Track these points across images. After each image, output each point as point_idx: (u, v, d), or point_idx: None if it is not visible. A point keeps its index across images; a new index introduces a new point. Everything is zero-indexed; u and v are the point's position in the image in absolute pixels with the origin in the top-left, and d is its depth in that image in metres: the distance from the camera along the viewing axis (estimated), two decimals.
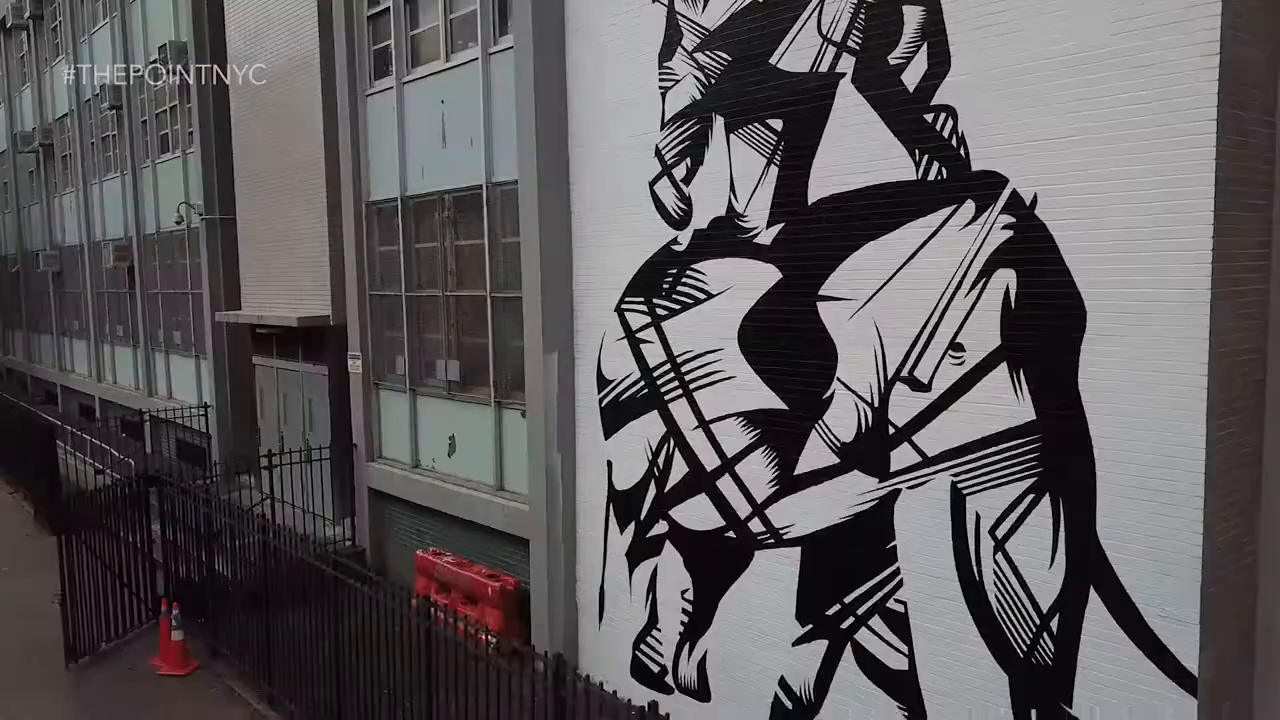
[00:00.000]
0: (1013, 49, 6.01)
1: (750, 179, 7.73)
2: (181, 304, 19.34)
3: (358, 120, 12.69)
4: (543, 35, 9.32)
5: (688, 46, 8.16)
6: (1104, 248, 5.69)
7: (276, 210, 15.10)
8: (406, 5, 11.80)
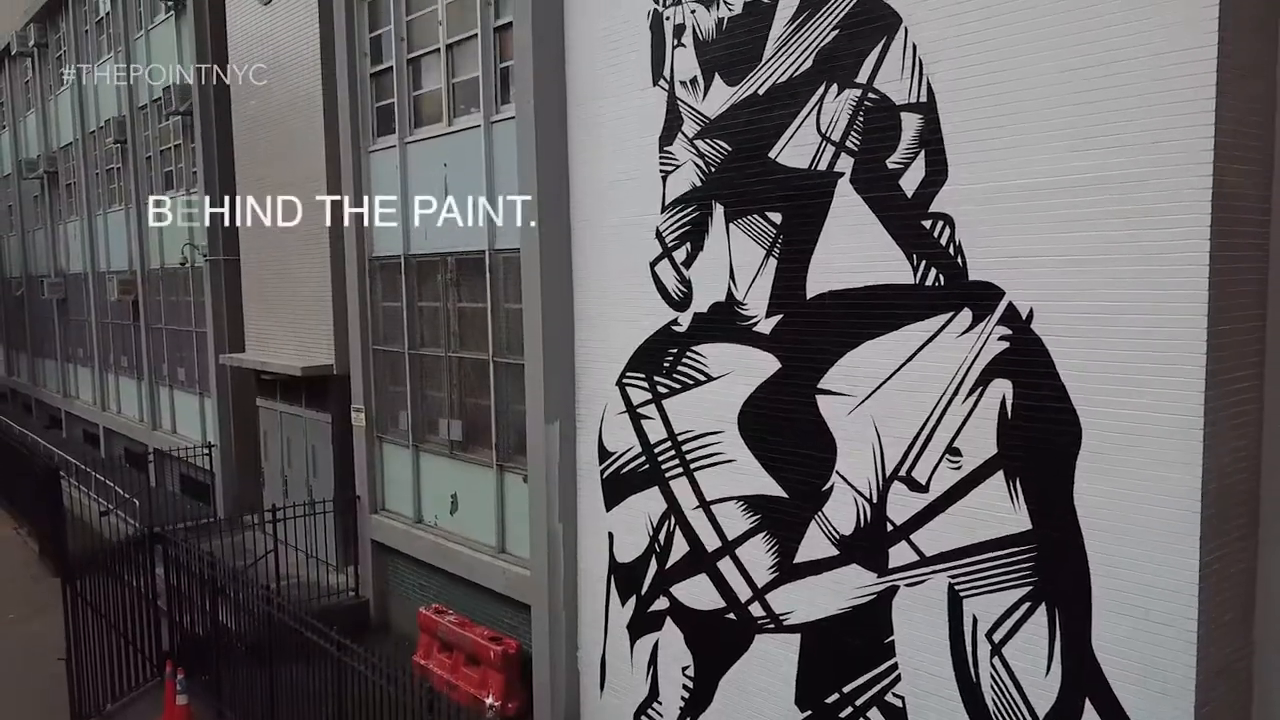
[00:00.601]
0: (1010, 167, 6.07)
1: (750, 268, 7.80)
2: (185, 341, 19.44)
3: (361, 176, 12.77)
4: (544, 111, 9.40)
5: (688, 133, 8.24)
6: (1099, 367, 5.76)
7: (279, 256, 15.19)
8: (409, 65, 11.88)
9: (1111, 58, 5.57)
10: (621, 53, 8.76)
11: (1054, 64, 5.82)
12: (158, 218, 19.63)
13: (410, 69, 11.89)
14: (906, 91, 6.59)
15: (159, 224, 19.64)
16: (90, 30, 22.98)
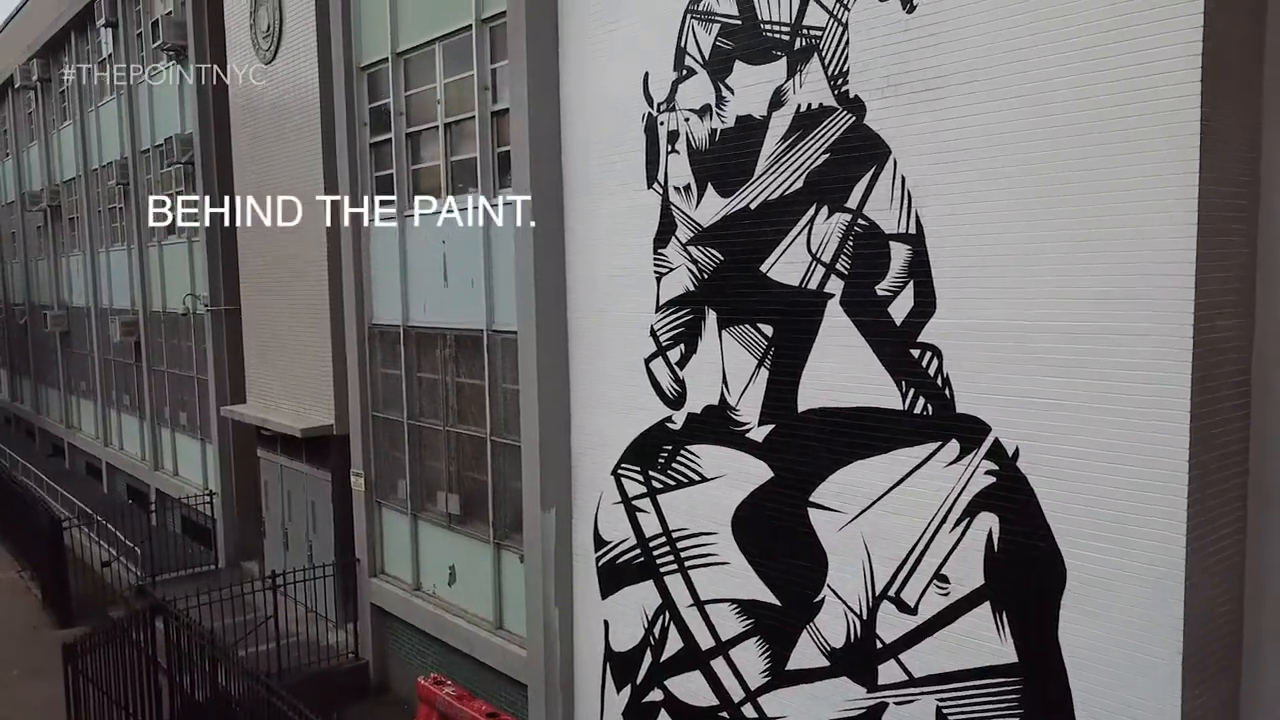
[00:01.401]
0: (997, 306, 6.17)
1: (742, 376, 7.90)
2: (187, 386, 19.55)
3: (360, 245, 12.88)
4: (541, 202, 9.51)
5: (681, 238, 8.34)
6: (1083, 510, 5.86)
7: (280, 311, 15.29)
8: (408, 140, 11.99)
9: (1096, 212, 5.67)
10: (618, 153, 8.87)
11: (1041, 211, 5.91)
12: (158, 217, 19.62)
13: (409, 142, 11.99)
14: (896, 221, 6.69)
15: (159, 223, 19.58)
16: (93, 69, 23.11)
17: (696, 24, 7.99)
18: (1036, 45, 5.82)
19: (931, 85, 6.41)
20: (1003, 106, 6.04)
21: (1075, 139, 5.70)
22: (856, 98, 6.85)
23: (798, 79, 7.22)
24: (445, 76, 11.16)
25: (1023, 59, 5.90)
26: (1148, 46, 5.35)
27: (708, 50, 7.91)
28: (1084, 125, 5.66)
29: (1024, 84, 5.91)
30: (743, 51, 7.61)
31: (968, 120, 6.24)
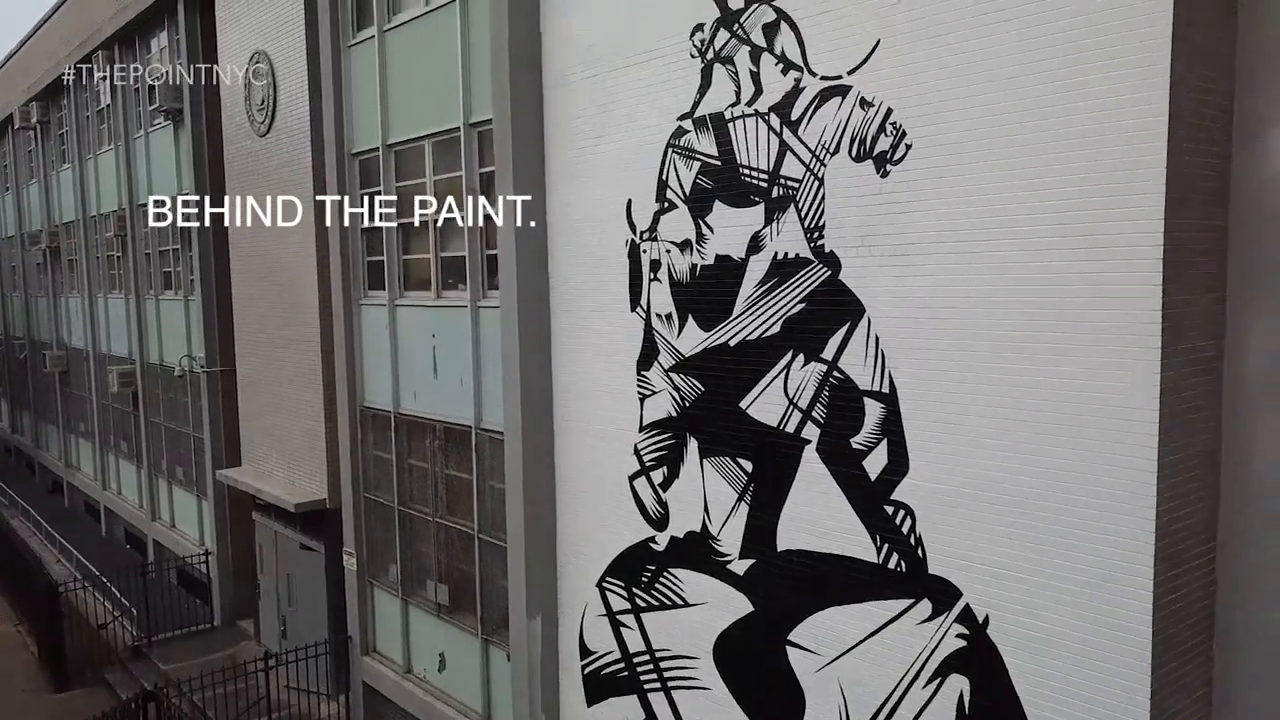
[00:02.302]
0: (966, 474, 6.26)
1: (723, 506, 7.99)
2: (184, 441, 19.65)
3: (353, 326, 12.98)
4: (528, 310, 9.61)
5: (664, 364, 8.43)
6: (1048, 684, 5.94)
7: (275, 378, 15.40)
8: (399, 230, 12.08)
9: (1050, 396, 5.76)
10: (602, 271, 8.96)
11: (1013, 380, 6.00)
12: (158, 218, 19.61)
13: (400, 231, 12.09)
14: (870, 378, 6.78)
15: (159, 224, 19.58)
16: (91, 118, 23.25)
17: (678, 159, 8.09)
18: (1006, 213, 5.90)
19: (904, 248, 6.50)
20: (973, 273, 6.12)
21: (1045, 308, 5.77)
22: (832, 253, 6.94)
23: (775, 226, 7.31)
24: (435, 173, 11.26)
25: (992, 226, 5.98)
26: (1111, 220, 5.43)
27: (688, 186, 8.01)
28: (1052, 293, 5.73)
29: (995, 252, 5.98)
30: (722, 192, 7.71)
31: (939, 285, 6.33)
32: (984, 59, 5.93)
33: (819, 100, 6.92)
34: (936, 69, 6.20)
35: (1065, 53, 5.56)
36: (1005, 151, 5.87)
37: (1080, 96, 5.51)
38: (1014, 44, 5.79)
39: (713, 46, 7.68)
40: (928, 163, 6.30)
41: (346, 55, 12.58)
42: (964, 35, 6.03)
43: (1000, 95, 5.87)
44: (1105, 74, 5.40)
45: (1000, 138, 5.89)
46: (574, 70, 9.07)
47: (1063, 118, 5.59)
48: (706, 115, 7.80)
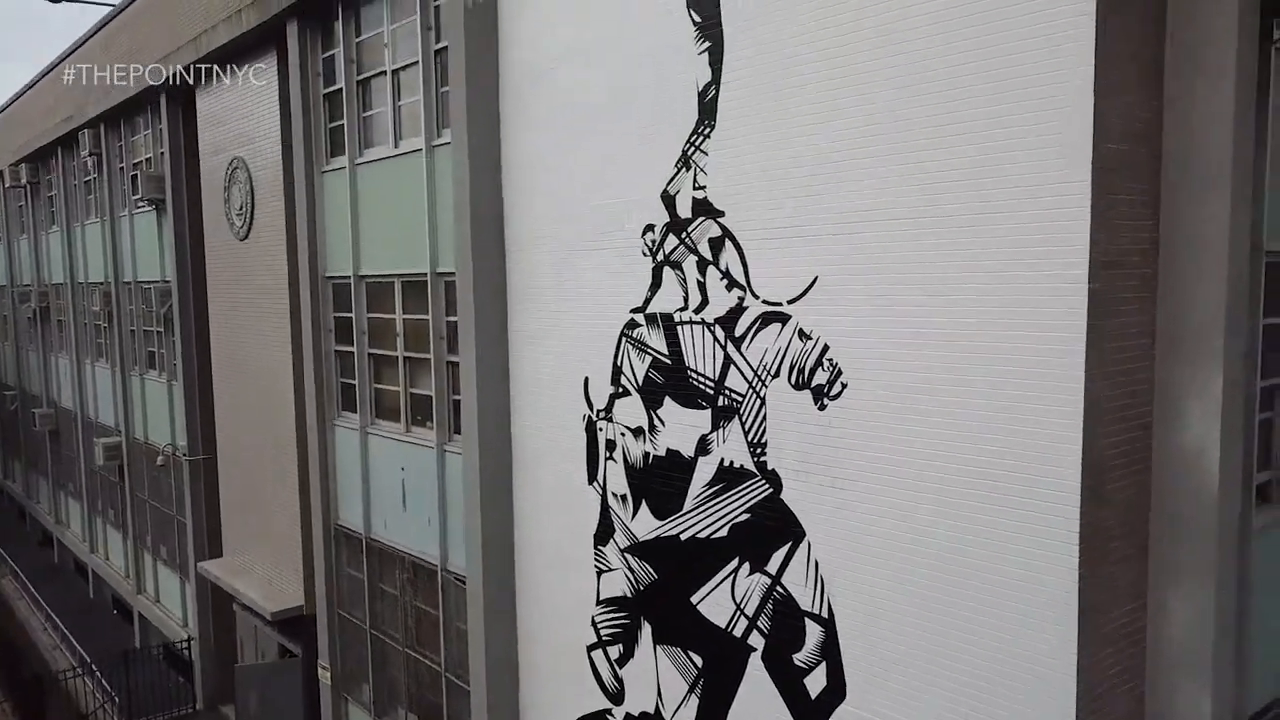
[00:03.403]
0: (909, 714, 6.37)
1: (676, 694, 8.10)
2: (168, 522, 19.76)
3: (327, 443, 13.10)
4: (491, 467, 9.73)
5: (620, 543, 8.55)
6: None
7: (254, 474, 15.52)
8: (370, 358, 12.21)
9: (986, 646, 5.87)
10: (562, 440, 9.08)
11: (947, 622, 6.11)
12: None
13: (371, 360, 12.22)
14: (811, 600, 6.89)
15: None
16: (79, 187, 23.37)
17: (631, 349, 8.21)
18: (938, 446, 5.99)
19: (842, 481, 6.62)
20: (912, 511, 6.22)
21: (982, 546, 5.87)
22: (774, 472, 7.06)
23: (722, 433, 7.43)
24: (404, 312, 11.39)
25: (924, 459, 6.07)
26: (1030, 456, 5.55)
27: (641, 377, 8.13)
28: (980, 524, 5.83)
29: (933, 493, 6.08)
30: (672, 390, 7.83)
31: (878, 517, 6.44)
32: (910, 304, 6.05)
33: (761, 323, 7.04)
34: (871, 310, 6.32)
35: (992, 316, 5.69)
36: (938, 400, 5.98)
37: (1003, 365, 5.63)
38: (943, 303, 5.91)
39: (663, 249, 7.80)
40: (865, 401, 6.41)
41: (320, 179, 12.71)
42: (894, 280, 6.15)
43: (935, 342, 5.98)
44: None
45: (936, 386, 5.99)
46: (537, 240, 9.19)
47: (985, 380, 5.72)
48: (658, 313, 7.92)
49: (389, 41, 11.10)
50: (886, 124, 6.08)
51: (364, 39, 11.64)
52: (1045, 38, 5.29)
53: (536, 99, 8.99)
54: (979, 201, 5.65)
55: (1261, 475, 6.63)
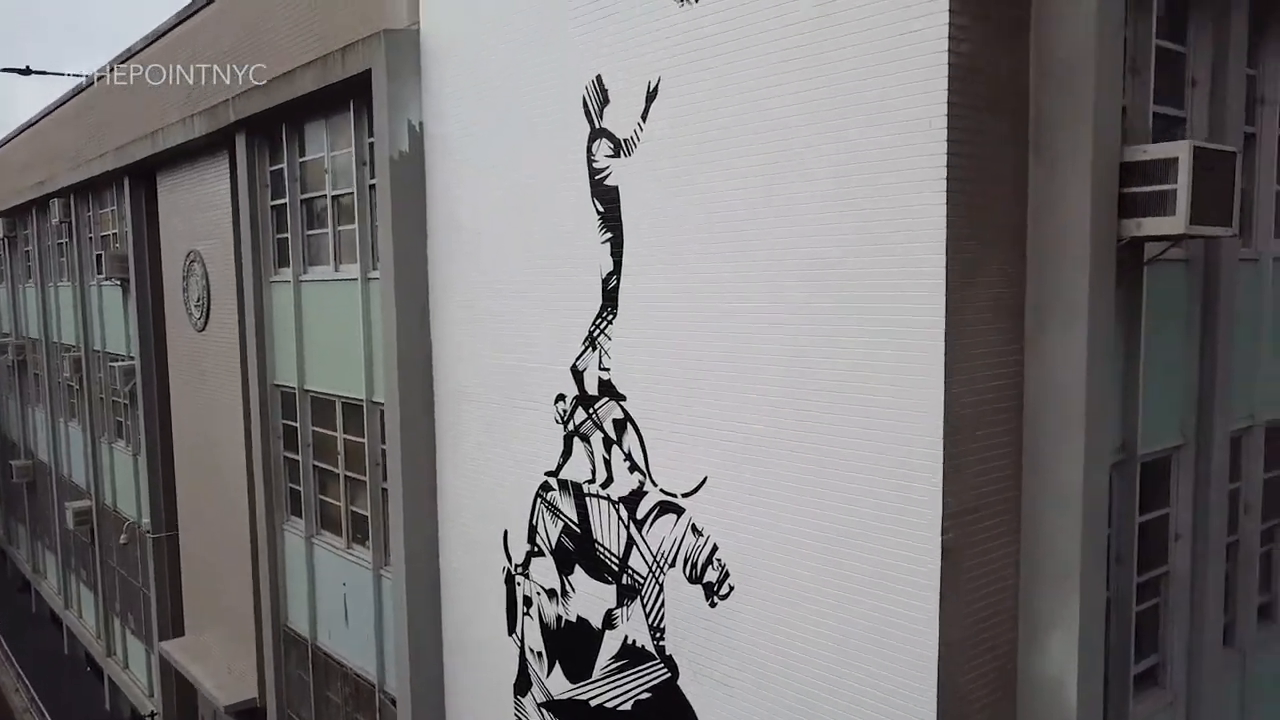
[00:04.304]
0: None
1: None
2: (134, 593, 19.89)
3: (277, 545, 13.24)
4: (417, 599, 9.87)
5: (537, 697, 8.69)
6: None
7: (214, 558, 15.64)
8: (315, 470, 12.35)
9: None
10: (483, 579, 9.23)
11: None
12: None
13: (316, 474, 12.37)
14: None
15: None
16: (52, 248, 23.53)
17: (545, 511, 8.36)
18: (816, 660, 6.11)
19: (732, 678, 6.75)
20: (793, 714, 6.36)
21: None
22: (672, 658, 7.20)
23: (626, 610, 7.58)
24: (344, 431, 11.54)
25: (804, 670, 6.18)
26: (893, 684, 5.69)
27: (554, 540, 8.28)
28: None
29: (810, 695, 6.21)
30: (582, 559, 7.98)
31: None
32: (792, 515, 6.19)
33: (659, 510, 7.19)
34: (755, 517, 6.47)
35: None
36: (817, 613, 6.11)
37: None
38: (820, 520, 6.05)
39: (573, 420, 7.96)
40: (752, 604, 6.56)
41: (269, 288, 12.86)
42: (776, 489, 6.29)
43: (814, 554, 6.13)
44: None
45: (815, 598, 6.12)
46: (463, 390, 9.34)
47: (855, 602, 5.86)
48: (569, 480, 8.07)
49: (329, 168, 11.26)
50: (775, 338, 6.23)
51: (307, 160, 11.80)
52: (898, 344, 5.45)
53: (462, 251, 9.15)
54: (852, 431, 5.81)
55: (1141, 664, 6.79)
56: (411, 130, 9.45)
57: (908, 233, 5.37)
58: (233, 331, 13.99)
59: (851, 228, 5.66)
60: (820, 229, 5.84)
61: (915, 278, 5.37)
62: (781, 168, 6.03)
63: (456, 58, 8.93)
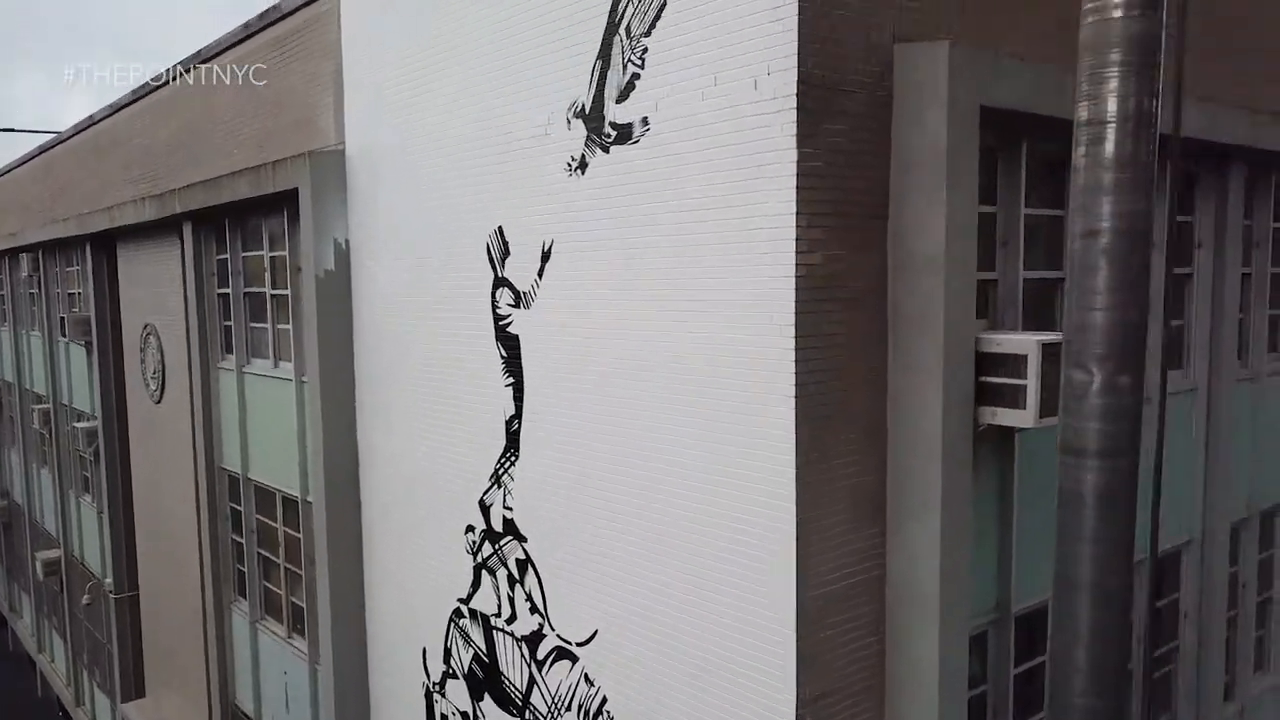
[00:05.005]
0: None
1: None
2: (100, 648, 20.05)
3: (224, 626, 13.41)
4: (344, 693, 10.05)
5: None
6: None
7: (171, 624, 15.82)
8: (259, 556, 12.53)
9: None
10: (407, 692, 9.40)
11: None
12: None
13: (260, 560, 12.54)
14: None
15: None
16: (23, 297, 23.70)
17: (458, 636, 8.53)
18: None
19: None
20: None
21: None
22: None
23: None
24: (284, 524, 11.71)
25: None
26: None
27: (465, 666, 8.46)
28: None
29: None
30: (490, 689, 8.15)
31: None
32: (669, 680, 6.37)
33: (556, 654, 7.37)
34: (638, 677, 6.65)
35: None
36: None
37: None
38: (697, 692, 6.24)
39: (481, 552, 8.14)
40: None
41: (216, 373, 13.04)
42: (659, 650, 6.48)
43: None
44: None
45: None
46: (389, 506, 9.52)
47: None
48: (478, 611, 8.25)
49: (267, 267, 11.45)
50: (640, 524, 6.42)
51: (249, 255, 11.99)
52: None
53: (386, 369, 9.33)
54: (723, 614, 5.99)
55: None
56: (338, 247, 9.64)
57: (761, 419, 5.56)
58: (185, 408, 14.17)
59: (701, 422, 5.86)
60: (679, 426, 6.04)
61: (770, 463, 5.55)
62: (646, 358, 6.23)
63: (380, 180, 9.12)
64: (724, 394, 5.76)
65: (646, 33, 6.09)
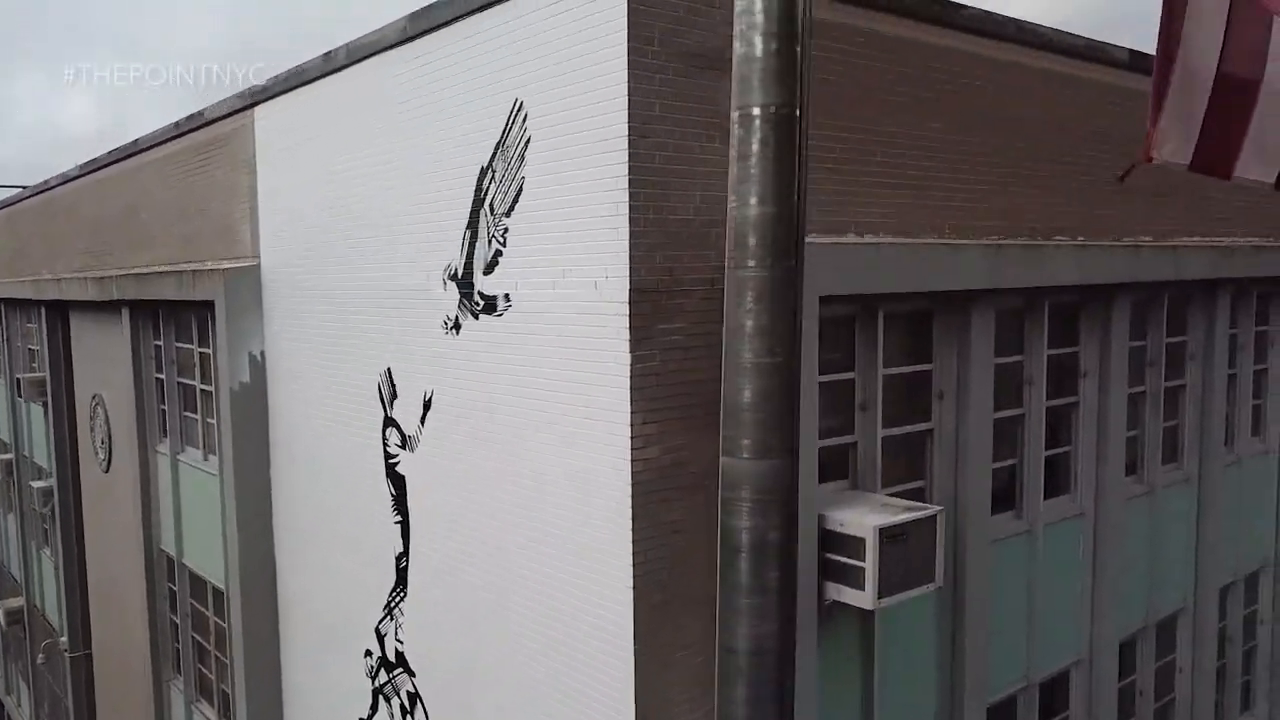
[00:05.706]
0: None
1: None
2: (58, 702, 20.17)
3: (163, 702, 13.57)
4: None
5: None
6: None
7: (122, 699, 15.97)
8: (194, 643, 12.68)
9: None
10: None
11: None
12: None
13: (195, 645, 12.69)
14: None
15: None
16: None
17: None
18: None
19: None
20: None
21: None
22: None
23: None
24: (215, 614, 11.86)
25: None
26: None
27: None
28: None
29: None
30: None
31: None
32: None
33: None
34: None
35: None
36: None
37: None
38: None
39: (378, 677, 8.29)
40: None
41: (154, 457, 13.21)
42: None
43: None
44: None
45: None
46: (307, 617, 9.67)
47: None
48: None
49: (196, 362, 11.62)
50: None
51: (181, 348, 12.16)
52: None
53: (298, 485, 9.49)
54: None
55: None
56: (253, 360, 9.80)
57: (599, 608, 5.72)
58: (129, 482, 14.32)
59: (547, 611, 6.04)
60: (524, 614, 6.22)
61: (606, 655, 5.72)
62: (501, 541, 6.40)
63: (297, 294, 9.28)
64: (565, 579, 5.93)
65: (507, 213, 6.26)
